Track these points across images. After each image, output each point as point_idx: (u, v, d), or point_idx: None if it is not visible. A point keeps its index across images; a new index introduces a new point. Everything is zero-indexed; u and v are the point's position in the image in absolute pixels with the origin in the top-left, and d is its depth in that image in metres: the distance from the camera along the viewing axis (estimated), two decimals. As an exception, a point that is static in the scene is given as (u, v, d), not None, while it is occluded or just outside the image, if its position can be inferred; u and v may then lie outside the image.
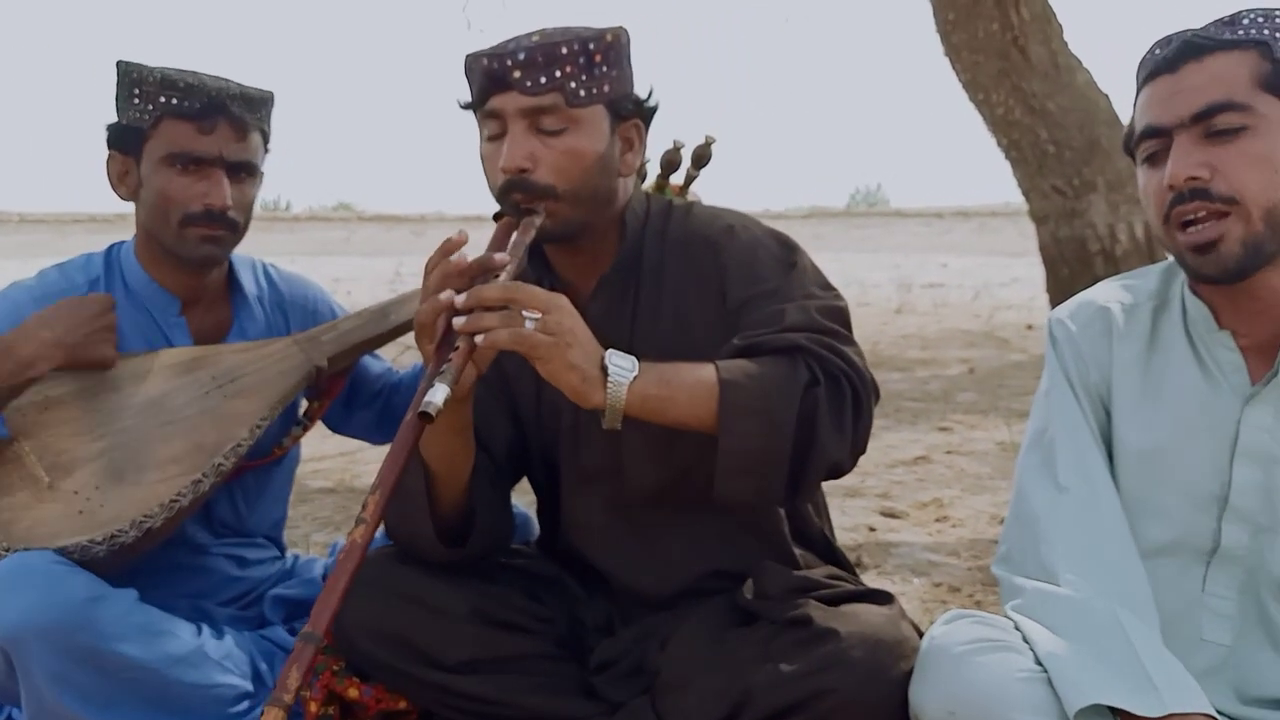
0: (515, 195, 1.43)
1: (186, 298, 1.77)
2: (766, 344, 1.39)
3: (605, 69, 1.45)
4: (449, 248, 1.36)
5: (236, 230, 1.72)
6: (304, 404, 1.87)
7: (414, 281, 1.95)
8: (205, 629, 1.65)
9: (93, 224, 20.90)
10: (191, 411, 1.66)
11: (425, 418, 1.25)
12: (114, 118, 1.72)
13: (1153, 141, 1.25)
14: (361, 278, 13.10)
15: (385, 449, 1.36)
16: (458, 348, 1.30)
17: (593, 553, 1.60)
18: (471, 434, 1.46)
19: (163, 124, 1.66)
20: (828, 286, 1.50)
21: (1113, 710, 1.14)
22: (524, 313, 1.30)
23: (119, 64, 1.71)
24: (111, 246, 1.80)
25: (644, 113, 1.52)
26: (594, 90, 1.44)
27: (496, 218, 1.47)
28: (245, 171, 1.71)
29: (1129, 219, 5.61)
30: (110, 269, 1.77)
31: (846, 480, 1.68)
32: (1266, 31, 1.22)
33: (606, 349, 1.35)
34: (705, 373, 1.36)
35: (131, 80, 1.67)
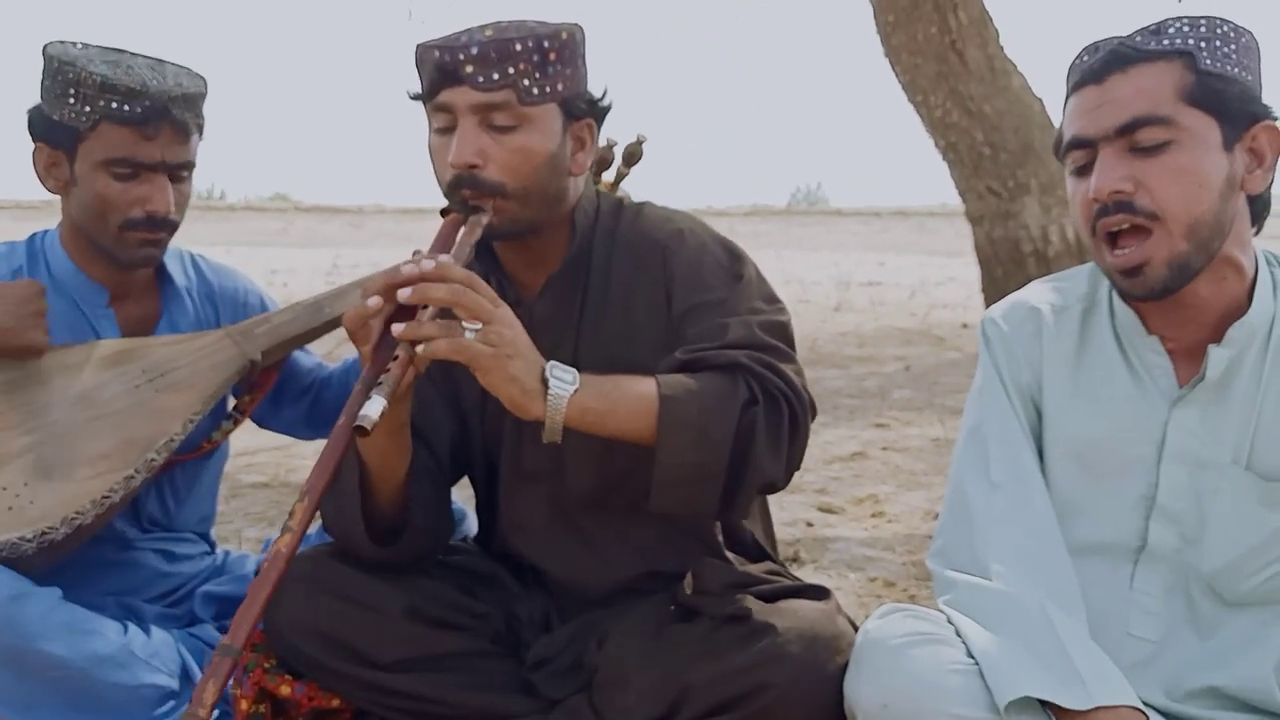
0: (464, 192, 1.42)
1: (114, 289, 1.73)
2: (708, 360, 1.39)
3: (559, 67, 1.43)
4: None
5: (175, 230, 1.69)
6: (232, 399, 1.83)
7: (351, 273, 1.93)
8: (132, 627, 1.62)
9: (19, 210, 20.35)
10: (122, 405, 1.63)
11: (360, 431, 1.23)
12: (35, 103, 1.66)
13: (1080, 153, 1.27)
14: (298, 269, 12.91)
15: (320, 443, 1.34)
16: (397, 356, 1.28)
17: (531, 551, 1.59)
18: (408, 433, 1.44)
19: (102, 127, 1.61)
20: (772, 299, 1.50)
21: (1042, 704, 1.16)
22: (464, 324, 1.28)
23: (49, 54, 1.64)
24: (34, 235, 1.76)
25: (597, 113, 1.50)
26: (547, 88, 1.42)
27: (444, 213, 1.45)
28: (185, 170, 1.68)
29: (1061, 221, 5.74)
30: (34, 258, 1.72)
31: (784, 476, 1.68)
32: (1191, 41, 1.23)
33: (550, 358, 1.34)
34: (646, 386, 1.36)
35: (66, 79, 1.61)
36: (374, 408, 1.22)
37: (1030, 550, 1.28)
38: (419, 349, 1.27)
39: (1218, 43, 1.23)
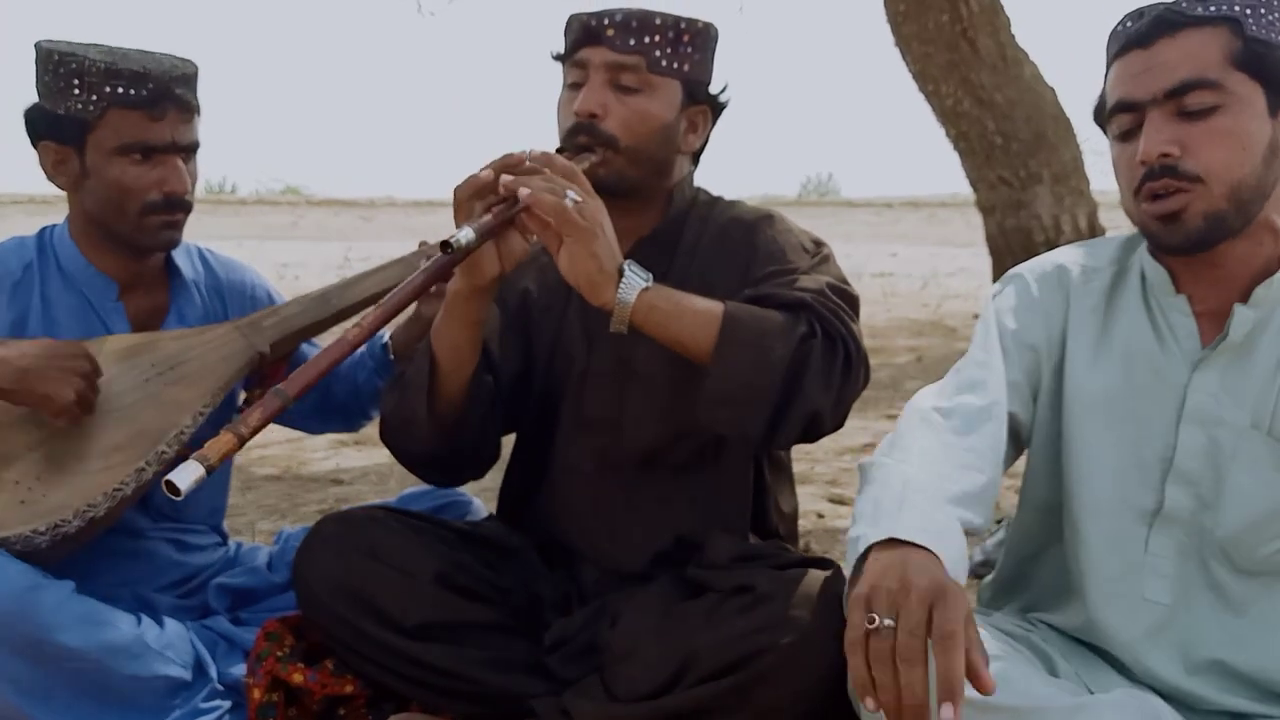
0: (580, 137, 1.53)
1: (124, 282, 1.74)
2: (776, 296, 1.47)
3: (689, 50, 1.56)
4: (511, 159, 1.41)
5: (190, 211, 1.71)
6: (242, 393, 1.84)
7: (362, 266, 1.94)
8: (145, 618, 1.63)
9: (31, 205, 20.43)
10: (133, 399, 1.64)
11: (445, 247, 1.30)
12: (31, 104, 1.66)
13: (1126, 117, 1.27)
14: (309, 263, 12.95)
15: (328, 438, 1.35)
16: (493, 211, 1.35)
17: (572, 501, 1.63)
18: (480, 334, 1.51)
19: (111, 114, 1.62)
20: (846, 282, 1.56)
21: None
22: (568, 192, 1.35)
23: (45, 50, 1.64)
24: (43, 230, 1.76)
25: (714, 104, 1.62)
26: (675, 65, 1.55)
27: (559, 152, 1.54)
28: (193, 151, 1.69)
29: (1073, 210, 5.70)
30: (43, 253, 1.73)
31: (795, 467, 1.69)
32: (1238, 8, 1.23)
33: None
34: (713, 304, 1.42)
35: (69, 70, 1.62)
36: (464, 234, 1.30)
37: (944, 457, 1.25)
38: (523, 194, 1.33)
39: (1263, 10, 1.23)
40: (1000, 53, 5.63)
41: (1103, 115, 1.31)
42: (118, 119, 1.62)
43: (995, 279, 5.97)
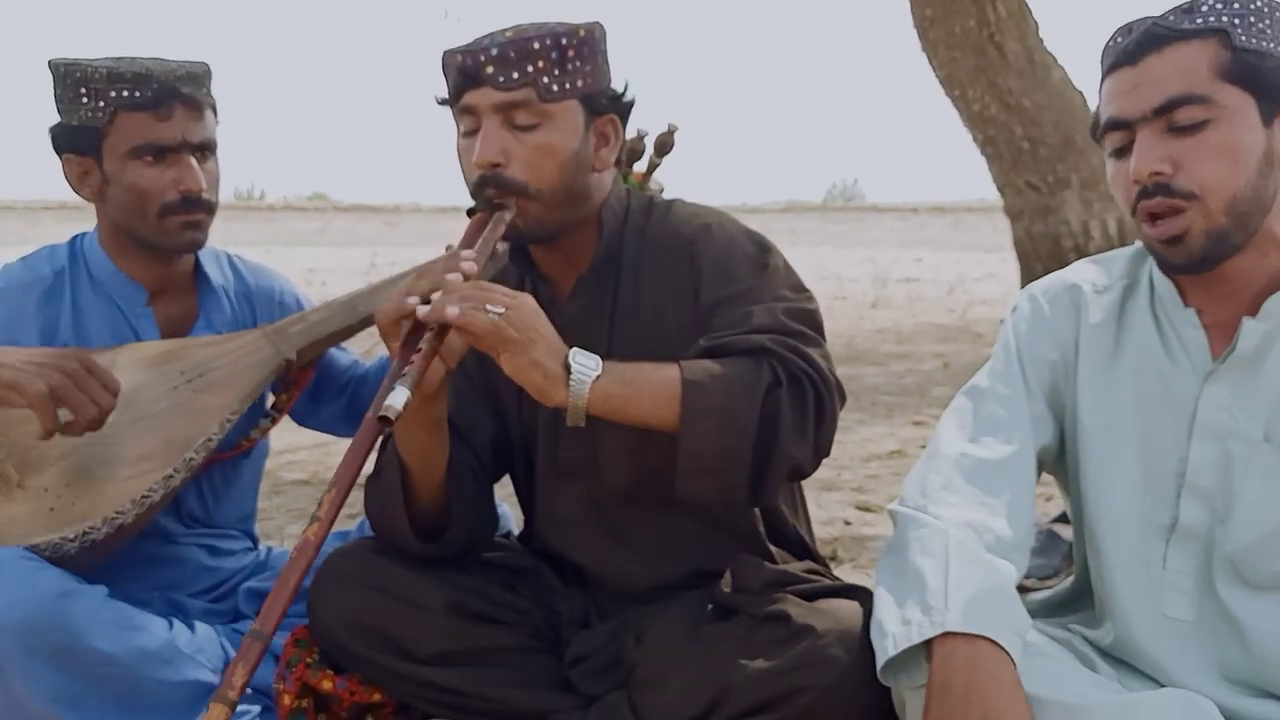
0: (488, 191, 1.44)
1: (154, 287, 1.75)
2: (732, 345, 1.40)
3: (579, 64, 1.45)
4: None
5: (213, 211, 1.71)
6: (270, 397, 1.85)
7: (389, 272, 1.94)
8: (177, 623, 1.64)
9: (64, 211, 20.69)
10: (161, 406, 1.65)
11: (384, 422, 1.25)
12: (54, 123, 1.68)
13: (1118, 134, 1.26)
14: (336, 268, 13.05)
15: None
16: (420, 350, 1.30)
17: (569, 548, 1.60)
18: (445, 430, 1.46)
19: (119, 118, 1.64)
20: (800, 289, 1.50)
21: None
22: (488, 306, 1.30)
23: (54, 65, 1.67)
24: (75, 237, 1.78)
25: (620, 108, 1.51)
26: (567, 85, 1.44)
27: (470, 213, 1.47)
28: (209, 150, 1.70)
29: (1102, 215, 5.66)
30: (74, 260, 1.75)
31: (822, 474, 1.69)
32: (1225, 19, 1.21)
33: (574, 347, 1.35)
34: (669, 373, 1.36)
35: (75, 80, 1.64)
36: (398, 398, 1.25)
37: (982, 498, 1.27)
38: (451, 312, 1.29)
39: (1252, 18, 1.21)
40: (1028, 57, 5.61)
41: (1098, 131, 1.30)
42: (126, 122, 1.64)
43: (1023, 285, 5.94)
